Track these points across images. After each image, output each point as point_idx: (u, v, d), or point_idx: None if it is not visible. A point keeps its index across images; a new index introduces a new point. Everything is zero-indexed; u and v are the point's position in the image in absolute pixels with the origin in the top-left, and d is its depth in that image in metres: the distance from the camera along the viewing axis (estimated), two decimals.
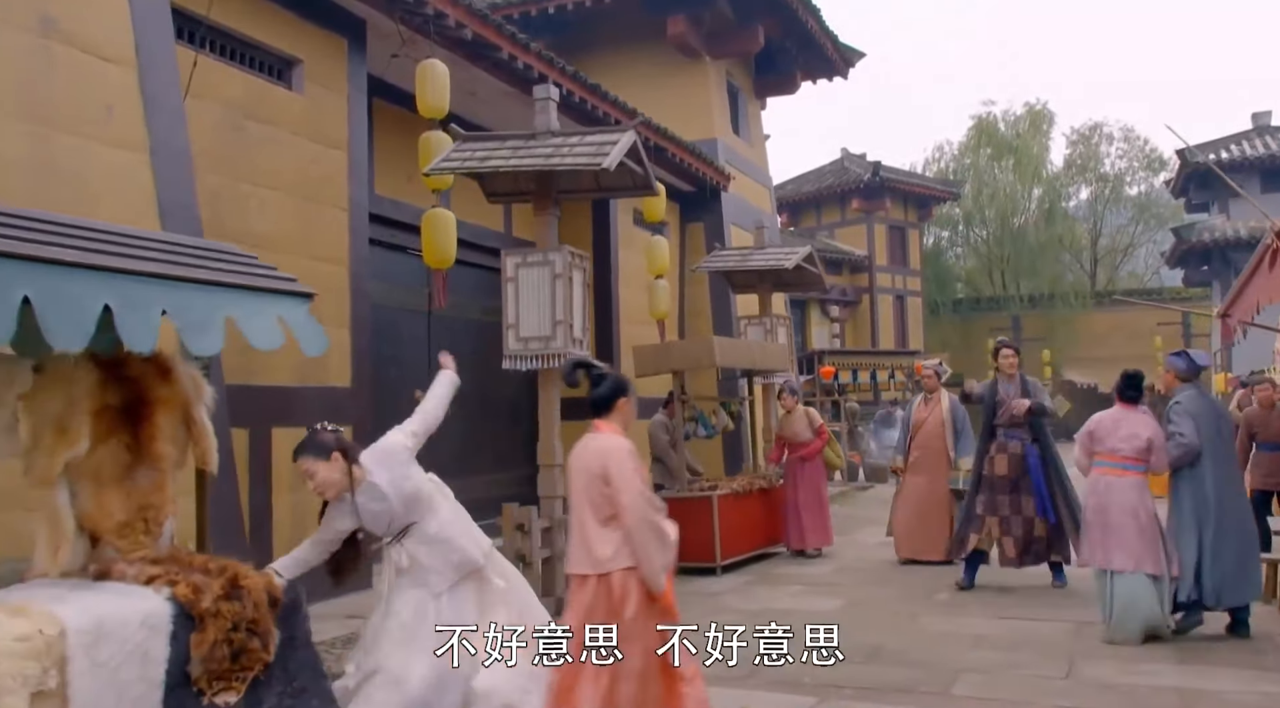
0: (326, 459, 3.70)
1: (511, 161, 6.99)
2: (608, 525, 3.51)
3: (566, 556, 3.83)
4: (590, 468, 3.56)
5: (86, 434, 3.50)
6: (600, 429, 3.69)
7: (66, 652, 3.02)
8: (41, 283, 3.02)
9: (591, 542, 3.52)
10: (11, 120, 5.07)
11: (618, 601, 3.44)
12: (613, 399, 3.73)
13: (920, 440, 8.84)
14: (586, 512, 3.57)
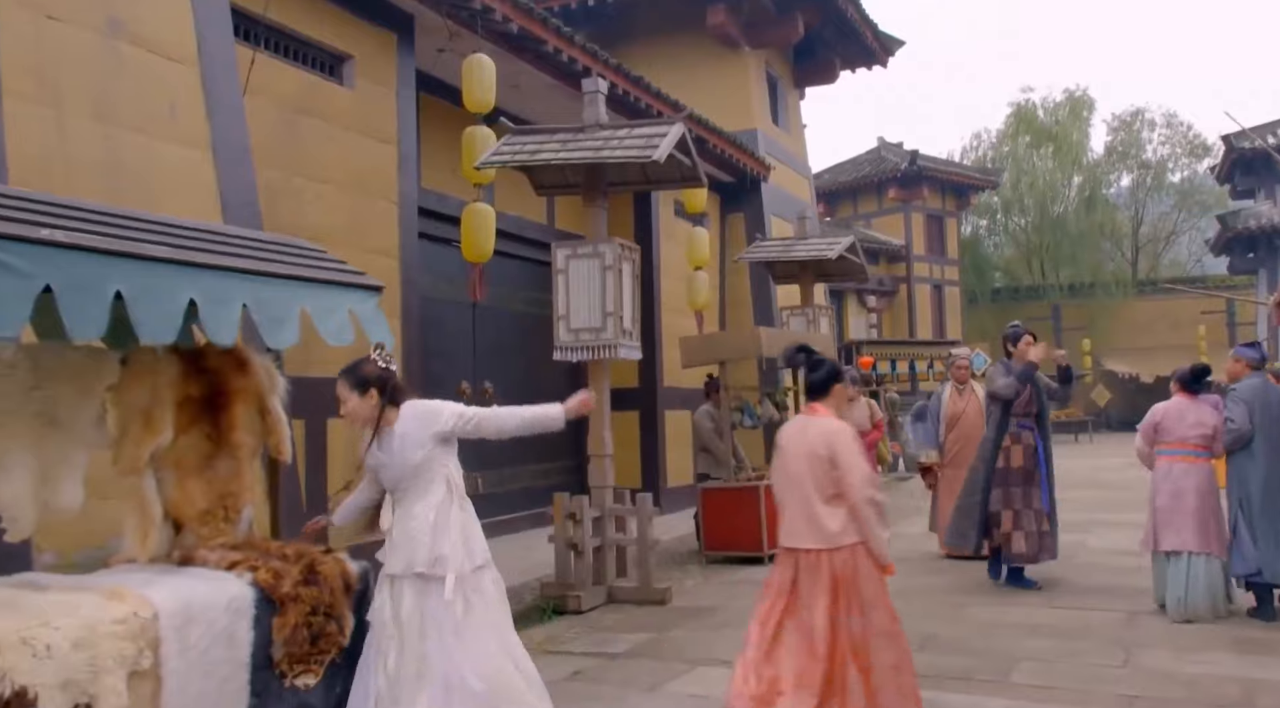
0: (362, 394, 3.67)
1: (561, 154, 7.05)
2: (831, 503, 3.80)
3: (783, 529, 4.02)
4: (815, 450, 3.82)
5: (170, 425, 3.62)
6: (817, 412, 3.96)
7: (159, 634, 3.13)
8: (133, 278, 3.12)
9: (820, 519, 3.81)
10: (83, 120, 5.20)
11: (850, 572, 3.77)
12: (830, 383, 4.00)
13: (961, 432, 8.51)
14: (810, 490, 3.83)
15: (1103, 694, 4.58)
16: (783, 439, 4.03)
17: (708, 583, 7.82)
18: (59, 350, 3.38)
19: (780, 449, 4.02)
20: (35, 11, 5.03)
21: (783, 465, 3.98)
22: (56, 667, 2.81)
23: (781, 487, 3.99)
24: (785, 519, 3.98)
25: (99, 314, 3.02)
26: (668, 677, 5.14)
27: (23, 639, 2.77)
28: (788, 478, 3.93)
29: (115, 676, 2.96)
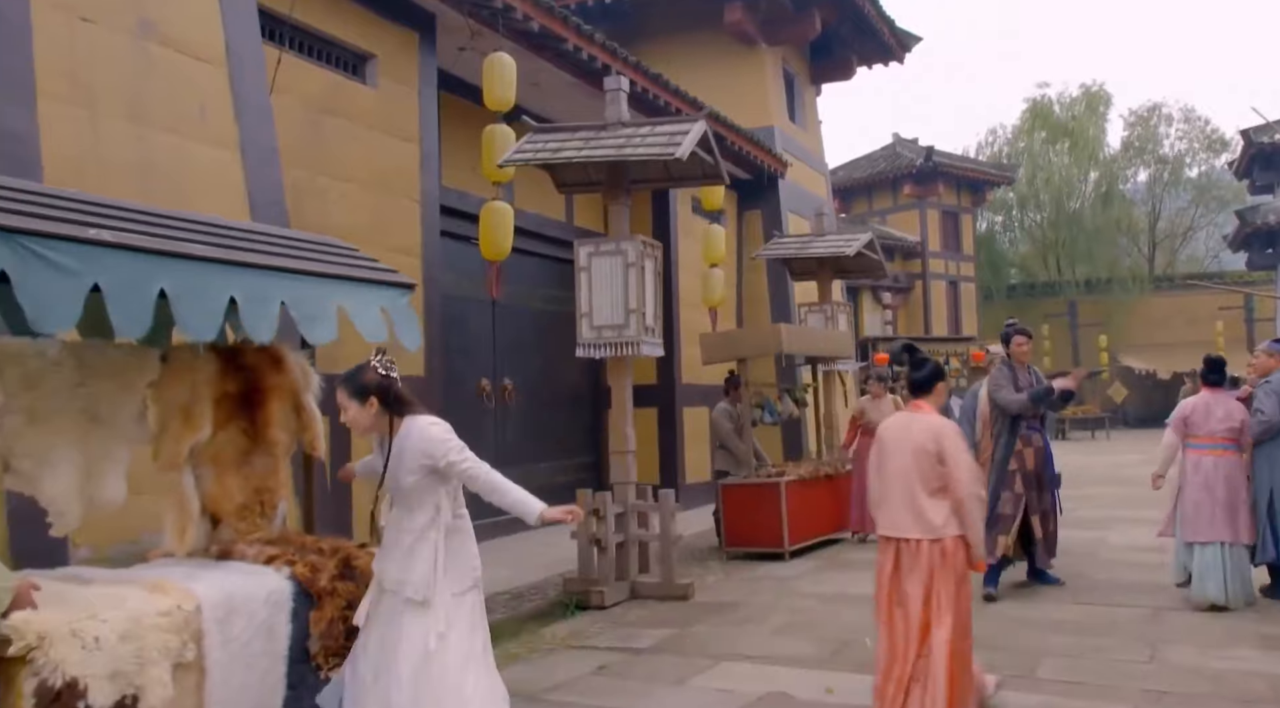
0: (361, 402, 3.48)
1: (584, 152, 7.09)
2: (935, 496, 4.00)
3: (885, 520, 4.15)
4: (923, 445, 4.01)
5: (209, 421, 3.68)
6: (922, 408, 4.16)
7: (202, 626, 3.19)
8: (176, 277, 3.17)
9: (924, 511, 3.99)
10: (117, 121, 5.26)
11: (950, 562, 3.97)
12: (934, 381, 4.21)
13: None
14: (916, 483, 4.02)
15: (1130, 690, 4.60)
16: (885, 434, 4.20)
17: (729, 579, 7.85)
18: (102, 348, 3.44)
19: (883, 443, 4.18)
20: (69, 14, 5.09)
21: (885, 459, 4.14)
22: (105, 658, 2.87)
23: (883, 479, 4.14)
24: (886, 510, 4.13)
25: (144, 313, 3.07)
26: (692, 672, 5.18)
27: (72, 631, 2.83)
28: (891, 471, 4.09)
29: (161, 667, 3.01)
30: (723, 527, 8.80)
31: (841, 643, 5.67)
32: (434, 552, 3.48)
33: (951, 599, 3.94)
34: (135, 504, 3.95)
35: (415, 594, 3.44)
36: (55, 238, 2.85)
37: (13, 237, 2.75)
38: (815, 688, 4.81)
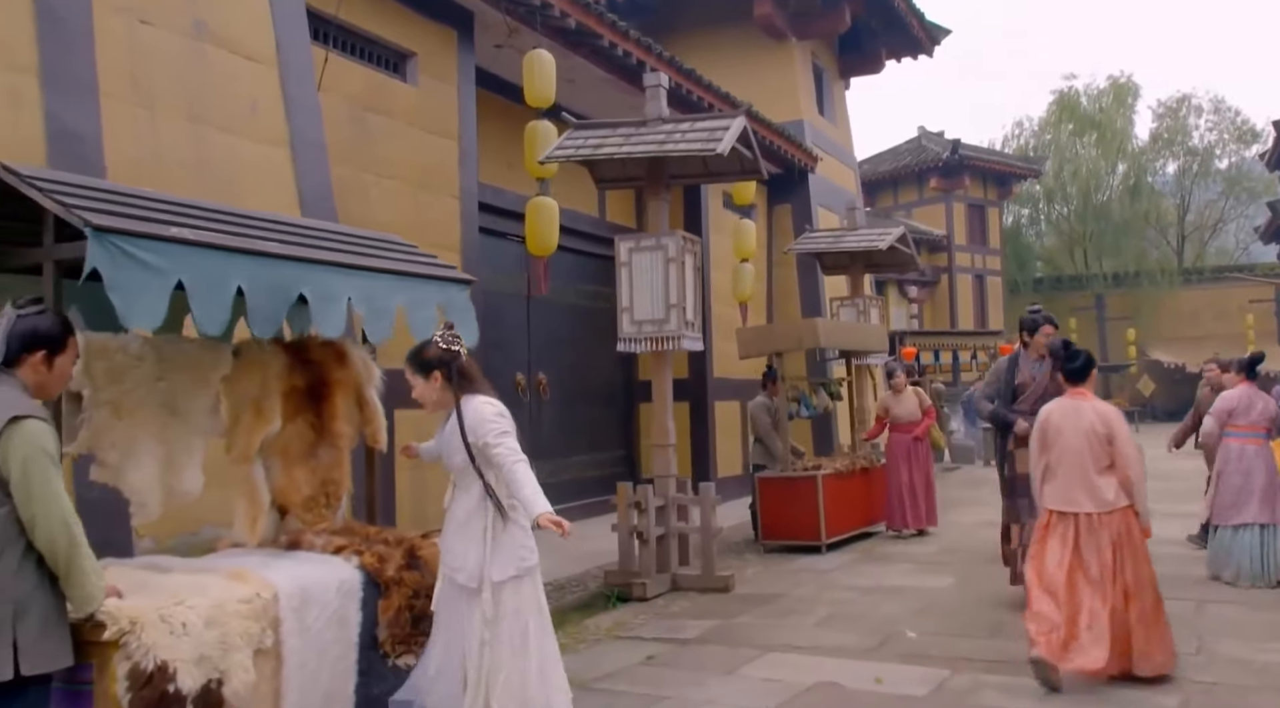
0: (425, 377, 3.57)
1: (625, 148, 7.14)
2: (1104, 474, 4.63)
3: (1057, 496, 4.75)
4: (1093, 427, 4.65)
5: (279, 414, 3.77)
6: (1085, 395, 4.80)
7: (279, 614, 3.28)
8: (252, 274, 3.26)
9: (1096, 487, 4.63)
10: (174, 120, 5.37)
11: (1124, 531, 4.59)
12: (1088, 370, 4.86)
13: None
14: (1088, 462, 4.65)
15: (1180, 681, 4.62)
16: (1055, 418, 4.78)
17: (768, 571, 7.90)
18: (178, 343, 3.53)
19: (1054, 427, 4.76)
20: (129, 16, 5.20)
21: (1055, 440, 4.74)
22: (192, 643, 2.96)
23: (1054, 459, 4.73)
24: (1058, 487, 4.74)
25: (224, 309, 3.16)
26: (740, 662, 5.24)
27: (161, 617, 2.92)
28: (1063, 452, 4.70)
29: (243, 653, 3.11)
30: (760, 520, 8.85)
31: (886, 635, 5.71)
32: (482, 535, 3.50)
33: (1134, 561, 4.57)
34: (204, 495, 4.05)
35: (468, 581, 3.50)
36: (142, 237, 2.95)
37: (104, 236, 2.84)
38: (864, 678, 4.85)
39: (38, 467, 2.57)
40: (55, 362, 2.77)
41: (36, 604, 2.63)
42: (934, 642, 5.50)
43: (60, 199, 2.89)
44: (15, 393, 2.67)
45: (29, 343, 2.71)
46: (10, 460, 2.55)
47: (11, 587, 2.58)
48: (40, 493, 2.57)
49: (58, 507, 2.60)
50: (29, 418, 2.60)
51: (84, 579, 2.68)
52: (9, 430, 2.56)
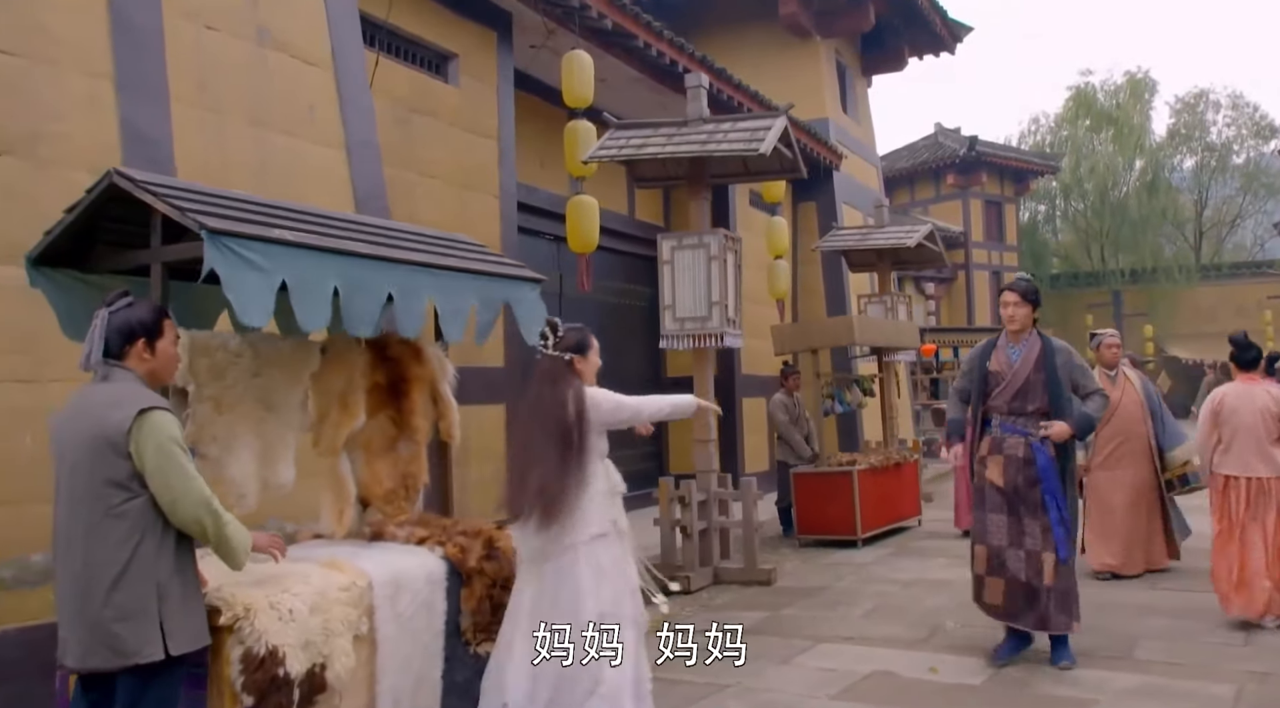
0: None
1: (668, 148, 7.25)
2: (1275, 444, 5.55)
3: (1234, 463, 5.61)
4: (1266, 406, 5.56)
5: (363, 409, 3.89)
6: (1255, 380, 5.71)
7: (374, 602, 3.41)
8: (346, 273, 3.38)
9: (1272, 456, 5.54)
10: (239, 123, 5.50)
11: None
12: (1259, 361, 5.76)
13: (1118, 427, 7.02)
14: (1262, 435, 5.54)
15: (1231, 671, 4.71)
16: (1230, 400, 5.65)
17: (806, 565, 8.01)
18: (273, 340, 3.66)
19: (1229, 407, 5.63)
20: (197, 22, 5.33)
21: (1232, 418, 5.60)
22: (298, 629, 3.09)
23: (1231, 432, 5.60)
24: (1234, 456, 5.60)
25: (324, 307, 3.28)
26: (794, 652, 5.35)
27: (270, 604, 3.05)
28: (1237, 428, 5.58)
29: (344, 638, 3.23)
30: (795, 514, 8.95)
31: (933, 626, 5.82)
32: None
33: None
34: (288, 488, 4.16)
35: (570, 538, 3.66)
36: (251, 238, 3.07)
37: (218, 238, 2.96)
38: (918, 667, 4.96)
39: (170, 454, 2.70)
40: (156, 347, 2.89)
41: (176, 587, 2.77)
42: (982, 634, 5.58)
43: (175, 203, 3.02)
44: (135, 385, 2.81)
45: (127, 334, 2.85)
46: (143, 451, 2.69)
47: (154, 571, 2.72)
48: (177, 477, 2.71)
49: (195, 486, 2.73)
50: (155, 409, 2.73)
51: (234, 544, 2.82)
52: (138, 423, 2.69)
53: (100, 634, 2.71)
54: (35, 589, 4.27)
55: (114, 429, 2.68)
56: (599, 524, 3.70)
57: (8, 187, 4.37)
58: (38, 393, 4.37)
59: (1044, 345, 5.01)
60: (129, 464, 2.70)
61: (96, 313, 2.82)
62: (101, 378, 2.81)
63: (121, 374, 2.80)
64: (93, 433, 2.70)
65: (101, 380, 2.81)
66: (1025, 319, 5.04)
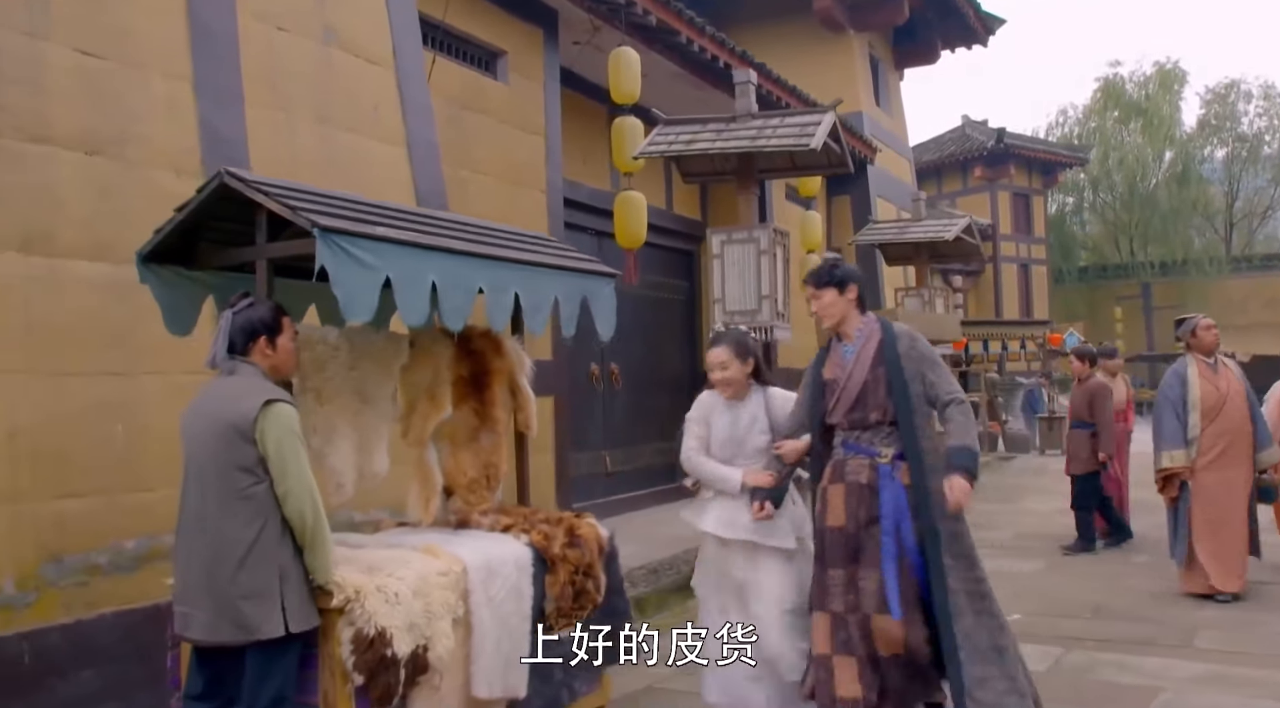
0: (743, 361, 4.12)
1: (718, 144, 7.34)
2: None
3: None
4: None
5: (449, 401, 4.00)
6: None
7: (469, 586, 3.52)
8: (443, 269, 3.49)
9: None
10: (307, 122, 5.63)
11: None
12: None
13: (1225, 423, 6.26)
14: None
15: None
16: None
17: None
18: (366, 334, 3.77)
19: None
20: (268, 24, 5.45)
21: None
22: (403, 612, 3.21)
23: None
24: None
25: (424, 302, 3.40)
26: None
27: (378, 587, 3.17)
28: None
29: (444, 621, 3.35)
30: None
31: None
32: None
33: None
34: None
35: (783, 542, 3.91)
36: (358, 236, 3.18)
37: (328, 235, 3.08)
38: None
39: (290, 446, 2.85)
40: (277, 343, 3.10)
41: (294, 569, 2.93)
42: (1038, 622, 5.66)
43: (287, 202, 3.13)
44: (260, 379, 2.96)
45: (250, 332, 3.05)
46: (266, 440, 2.83)
47: (276, 553, 2.88)
48: (294, 470, 2.85)
49: (307, 482, 2.88)
50: (279, 402, 2.88)
51: (324, 549, 2.97)
52: (263, 413, 2.84)
53: (227, 611, 2.86)
54: (130, 575, 4.44)
55: (241, 418, 2.83)
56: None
57: (99, 187, 4.51)
58: (129, 386, 4.52)
59: (884, 335, 3.81)
60: (255, 450, 2.85)
61: (222, 315, 2.98)
62: (228, 373, 2.97)
63: (246, 369, 2.96)
64: (222, 422, 2.85)
65: (228, 375, 2.97)
66: (842, 308, 3.87)
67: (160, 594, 4.51)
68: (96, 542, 4.32)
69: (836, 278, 3.89)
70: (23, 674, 3.96)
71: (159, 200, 4.75)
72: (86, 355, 4.37)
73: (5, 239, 4.14)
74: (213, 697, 3.04)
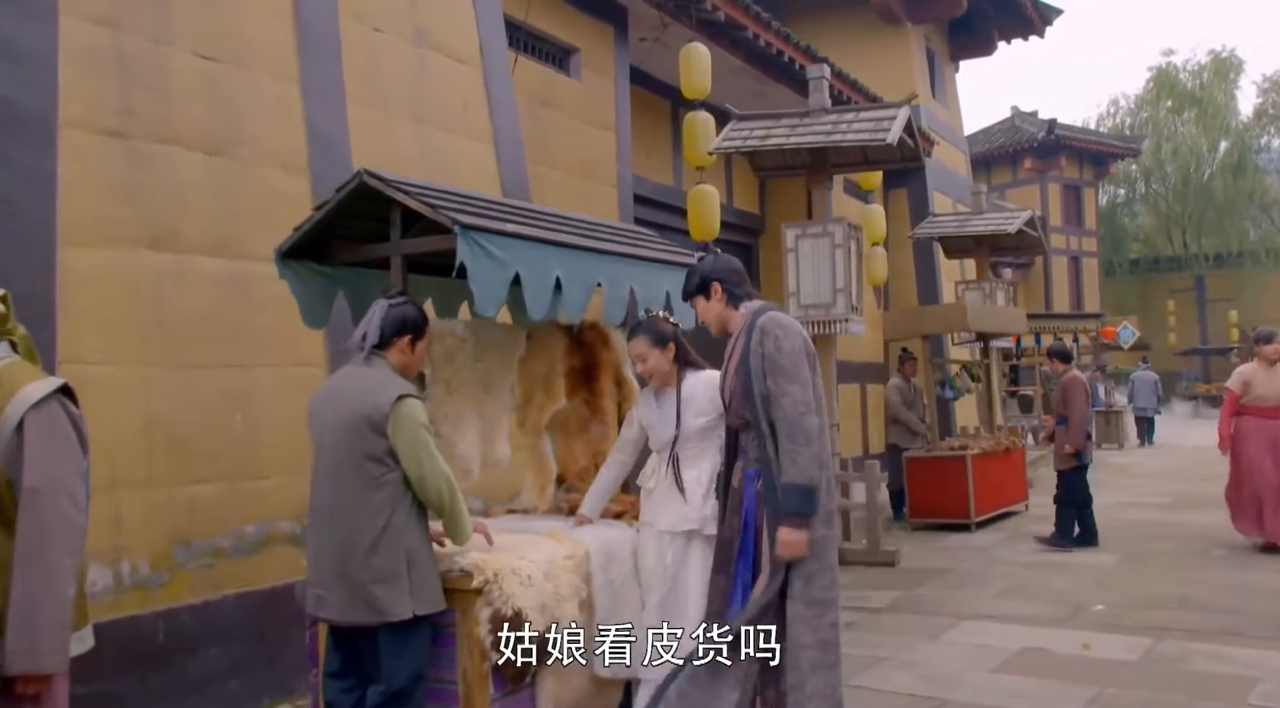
0: (662, 349, 3.69)
1: (793, 139, 7.41)
2: None
3: None
4: None
5: (564, 392, 4.14)
6: None
7: (591, 570, 3.65)
8: (565, 264, 3.61)
9: None
10: (403, 120, 5.78)
11: None
12: None
13: None
14: None
15: None
16: None
17: (922, 547, 8.14)
18: (489, 326, 3.91)
19: None
20: (366, 25, 5.62)
21: None
22: (535, 593, 3.34)
23: None
24: None
25: (547, 296, 3.52)
26: (939, 629, 5.51)
27: (512, 570, 3.30)
28: None
29: (571, 603, 3.48)
30: (907, 497, 9.08)
31: (1074, 606, 5.93)
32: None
33: None
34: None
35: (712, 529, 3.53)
36: (493, 233, 3.32)
37: (468, 232, 3.21)
38: (1070, 644, 5.09)
39: (421, 438, 3.02)
40: (417, 346, 3.25)
41: (421, 554, 3.08)
42: (1124, 613, 5.70)
43: (427, 201, 3.27)
44: (392, 374, 3.14)
45: (400, 329, 3.18)
46: (398, 433, 3.00)
47: (404, 539, 3.03)
48: (427, 458, 3.01)
49: (440, 464, 3.05)
50: (410, 397, 3.05)
51: (463, 520, 3.14)
52: (395, 408, 3.00)
53: (359, 593, 3.01)
54: (249, 558, 4.63)
55: (374, 411, 2.99)
56: None
57: (217, 186, 4.70)
58: (246, 378, 4.71)
59: (747, 332, 3.37)
60: (386, 442, 3.00)
61: (375, 303, 3.12)
62: (364, 363, 3.12)
63: (380, 363, 3.13)
64: (355, 413, 3.01)
65: (363, 365, 3.13)
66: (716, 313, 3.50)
67: (276, 578, 4.73)
68: (220, 526, 4.51)
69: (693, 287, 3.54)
70: (158, 651, 4.16)
71: (270, 198, 4.96)
72: (209, 348, 4.56)
73: (137, 237, 4.33)
74: (349, 675, 3.19)
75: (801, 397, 3.21)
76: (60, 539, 2.28)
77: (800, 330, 3.36)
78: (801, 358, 3.27)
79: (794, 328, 3.33)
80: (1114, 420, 18.22)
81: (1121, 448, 17.63)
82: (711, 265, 3.53)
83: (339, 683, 3.22)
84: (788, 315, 3.45)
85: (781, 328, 3.30)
